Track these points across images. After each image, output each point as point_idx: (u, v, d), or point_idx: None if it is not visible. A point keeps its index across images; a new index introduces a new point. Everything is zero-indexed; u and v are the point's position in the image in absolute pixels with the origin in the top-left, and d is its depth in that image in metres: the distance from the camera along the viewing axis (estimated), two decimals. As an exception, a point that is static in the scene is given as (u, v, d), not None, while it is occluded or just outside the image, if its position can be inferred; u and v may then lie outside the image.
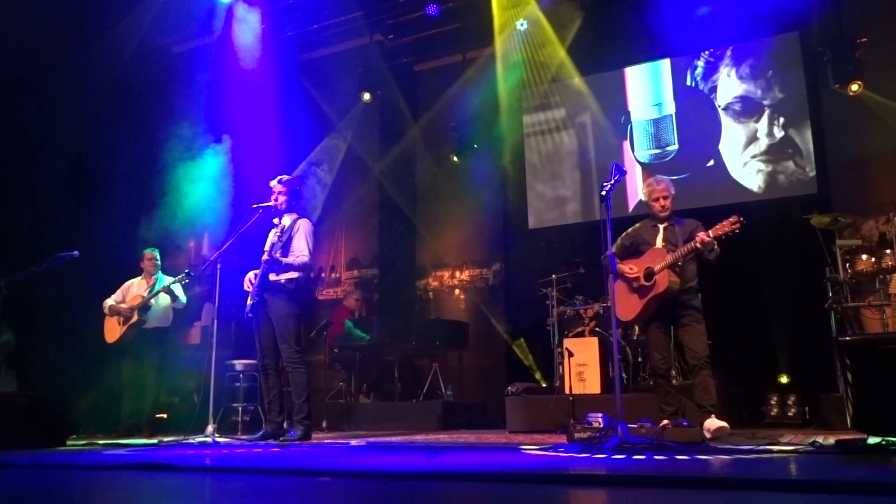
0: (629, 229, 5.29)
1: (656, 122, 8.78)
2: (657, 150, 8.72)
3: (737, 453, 3.69)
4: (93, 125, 8.08)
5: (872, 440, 3.58)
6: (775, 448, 3.91)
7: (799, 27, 8.11)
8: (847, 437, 4.03)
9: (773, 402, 6.79)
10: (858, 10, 7.74)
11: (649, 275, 4.94)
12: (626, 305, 5.09)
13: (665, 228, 5.10)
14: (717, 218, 4.92)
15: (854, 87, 7.37)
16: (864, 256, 6.14)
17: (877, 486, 2.35)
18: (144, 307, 6.91)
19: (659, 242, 5.05)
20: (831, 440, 3.95)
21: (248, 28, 8.87)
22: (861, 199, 7.48)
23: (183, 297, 7.07)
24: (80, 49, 7.86)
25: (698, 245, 4.75)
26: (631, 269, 5.02)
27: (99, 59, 7.97)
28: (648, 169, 8.64)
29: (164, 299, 7.00)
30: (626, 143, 8.90)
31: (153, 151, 8.38)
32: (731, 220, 4.71)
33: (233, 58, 8.83)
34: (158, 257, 7.25)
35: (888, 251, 6.01)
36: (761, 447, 3.97)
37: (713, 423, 4.63)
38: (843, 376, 3.54)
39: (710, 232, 4.75)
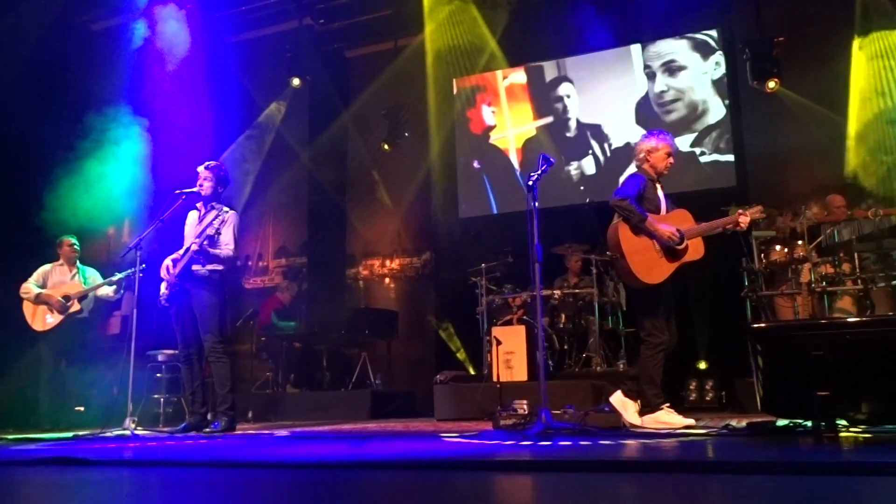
0: (640, 183, 4.77)
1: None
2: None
3: (655, 437, 3.81)
4: (2, 104, 7.67)
5: (781, 422, 3.74)
6: (691, 431, 4.06)
7: (719, 24, 8.38)
8: (758, 419, 4.21)
9: (691, 387, 7.00)
10: (776, 10, 8.07)
11: (682, 237, 4.60)
12: (656, 268, 4.55)
13: (661, 189, 4.83)
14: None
15: (771, 84, 7.65)
16: (778, 247, 6.40)
17: (784, 466, 2.46)
18: (83, 298, 6.70)
19: (663, 203, 4.78)
20: (744, 423, 4.12)
21: (172, 13, 8.54)
22: (777, 193, 7.81)
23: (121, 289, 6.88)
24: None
25: (741, 224, 4.65)
26: (673, 234, 4.55)
27: (9, 33, 7.57)
28: (573, 161, 8.81)
29: (100, 290, 6.82)
30: (557, 135, 9.02)
31: (70, 133, 8.01)
32: (759, 207, 4.83)
33: (156, 38, 8.51)
34: (77, 244, 6.99)
35: (800, 242, 6.29)
36: (678, 431, 4.12)
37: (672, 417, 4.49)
38: (754, 361, 3.68)
39: (747, 214, 4.69)
